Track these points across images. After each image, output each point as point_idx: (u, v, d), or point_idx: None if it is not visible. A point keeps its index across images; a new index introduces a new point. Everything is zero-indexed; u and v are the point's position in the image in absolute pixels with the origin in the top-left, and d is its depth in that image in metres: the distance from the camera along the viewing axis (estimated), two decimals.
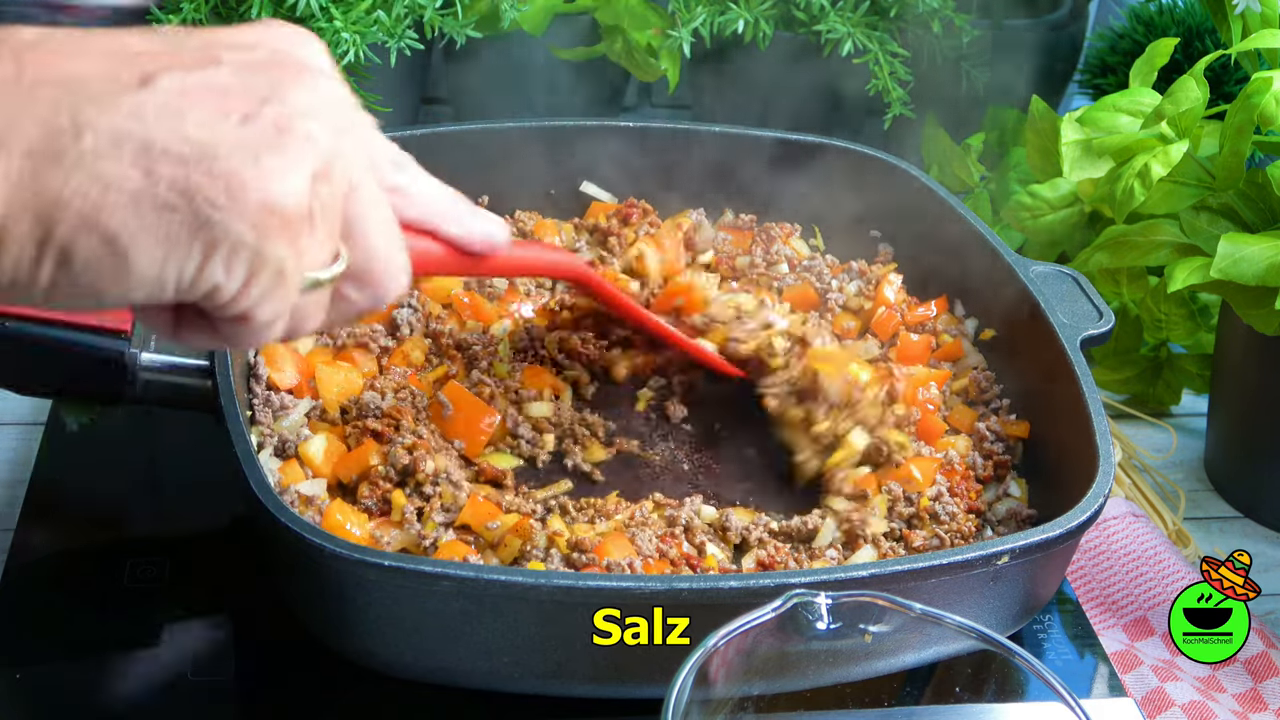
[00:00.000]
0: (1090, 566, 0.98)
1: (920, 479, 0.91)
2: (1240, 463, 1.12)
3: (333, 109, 0.53)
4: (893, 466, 0.92)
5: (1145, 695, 0.88)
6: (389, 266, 0.58)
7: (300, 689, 0.82)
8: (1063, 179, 1.15)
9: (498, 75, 1.35)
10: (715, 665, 0.65)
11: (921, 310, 1.07)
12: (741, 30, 1.28)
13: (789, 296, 1.08)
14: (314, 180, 0.51)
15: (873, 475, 0.92)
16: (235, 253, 0.50)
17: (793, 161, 1.15)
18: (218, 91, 0.50)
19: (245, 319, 0.53)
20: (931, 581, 0.75)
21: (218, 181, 0.49)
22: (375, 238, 0.57)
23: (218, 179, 0.49)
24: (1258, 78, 0.96)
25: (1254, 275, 0.95)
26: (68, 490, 0.95)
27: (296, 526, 0.72)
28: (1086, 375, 0.89)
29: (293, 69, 0.53)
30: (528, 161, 1.14)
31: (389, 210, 0.58)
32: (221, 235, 0.49)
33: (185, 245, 0.49)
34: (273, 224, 0.50)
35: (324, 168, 0.52)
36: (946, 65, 1.35)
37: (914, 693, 0.77)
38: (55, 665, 0.82)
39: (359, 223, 0.56)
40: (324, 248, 0.54)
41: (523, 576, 0.71)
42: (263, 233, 0.50)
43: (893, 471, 0.92)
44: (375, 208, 0.57)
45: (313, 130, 0.51)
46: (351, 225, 0.55)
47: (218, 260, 0.50)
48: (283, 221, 0.50)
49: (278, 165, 0.50)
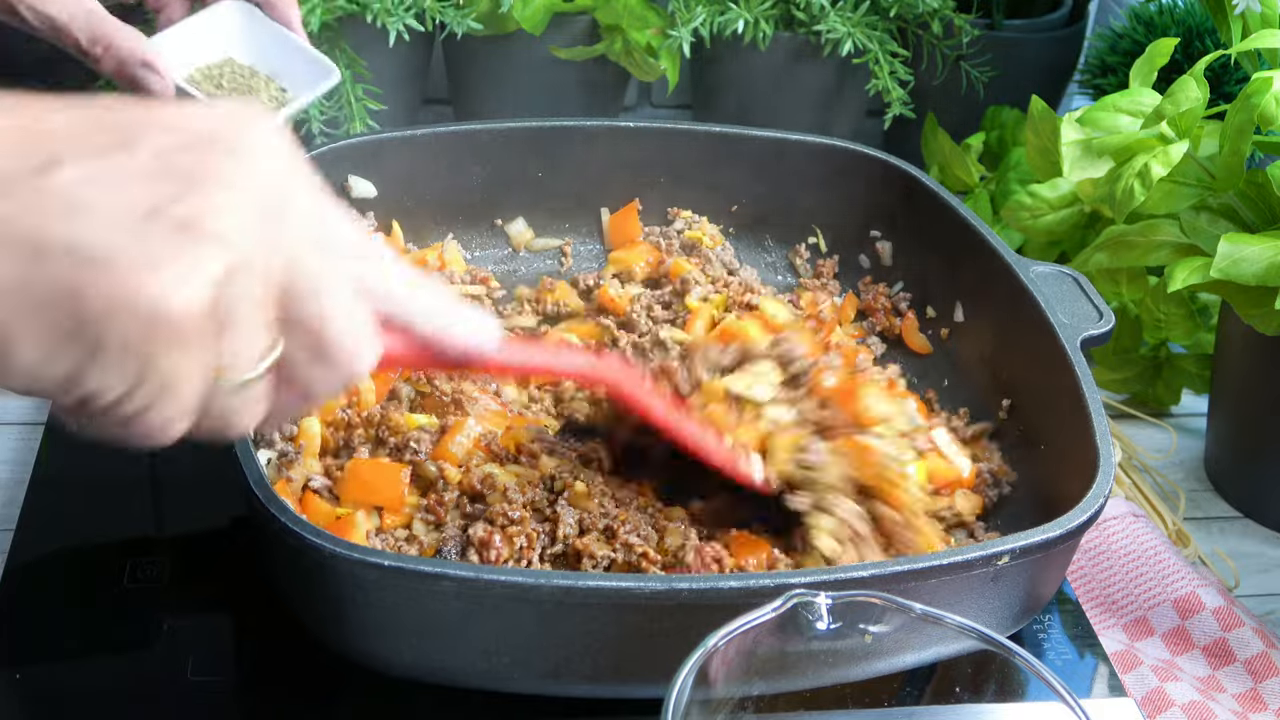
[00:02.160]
0: (1090, 566, 0.98)
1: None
2: (1240, 463, 1.12)
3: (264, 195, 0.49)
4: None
5: (1145, 695, 0.88)
6: (348, 341, 0.54)
7: (300, 689, 0.82)
8: (1063, 179, 1.15)
9: (498, 75, 1.35)
10: (715, 665, 0.65)
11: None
12: (741, 30, 1.28)
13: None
14: (222, 282, 0.47)
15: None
16: (119, 360, 0.47)
17: (793, 161, 1.15)
18: (125, 180, 0.46)
19: (130, 425, 0.50)
20: (931, 582, 0.75)
21: (105, 286, 0.45)
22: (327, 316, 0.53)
23: (105, 283, 0.45)
24: (1258, 78, 0.95)
25: (1254, 275, 0.95)
26: (68, 490, 0.95)
27: (296, 526, 0.72)
28: (1086, 375, 0.89)
29: (221, 153, 0.49)
30: (527, 161, 1.14)
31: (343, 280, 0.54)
32: (104, 340, 0.46)
33: (64, 346, 0.46)
34: (162, 334, 0.46)
35: (239, 266, 0.48)
36: (946, 65, 1.35)
37: (914, 693, 0.77)
38: (55, 665, 0.82)
39: (302, 309, 0.52)
40: (249, 346, 0.50)
41: (523, 576, 0.71)
42: (151, 342, 0.46)
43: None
44: (323, 289, 0.52)
45: (225, 229, 0.47)
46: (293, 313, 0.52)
47: (98, 365, 0.47)
48: (174, 332, 0.47)
49: (173, 274, 0.46)
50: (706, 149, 1.16)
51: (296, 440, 0.92)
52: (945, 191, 1.09)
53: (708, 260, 1.13)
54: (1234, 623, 0.93)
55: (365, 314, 0.55)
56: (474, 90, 1.38)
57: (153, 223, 0.46)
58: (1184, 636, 0.94)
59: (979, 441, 1.00)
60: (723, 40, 1.31)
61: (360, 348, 0.55)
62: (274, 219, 0.49)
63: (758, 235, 1.20)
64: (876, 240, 1.16)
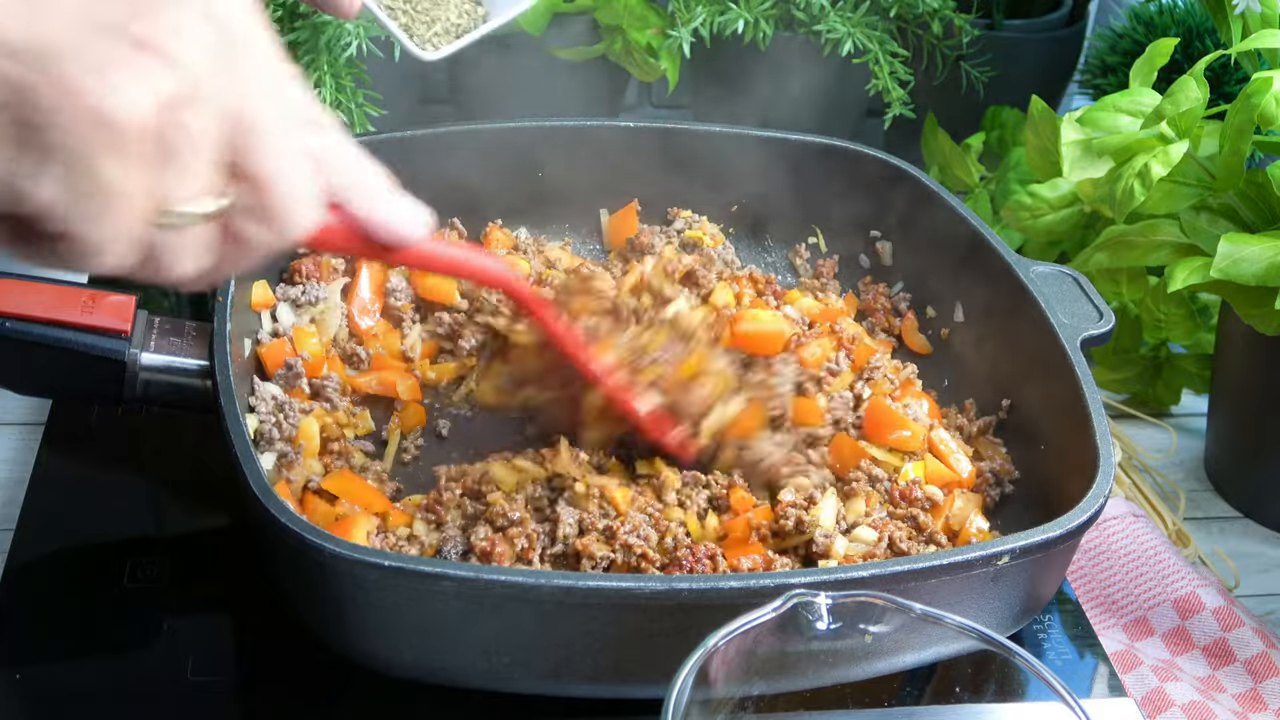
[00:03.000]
0: (1090, 566, 0.98)
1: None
2: (1240, 463, 1.12)
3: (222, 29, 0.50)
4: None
5: (1145, 695, 0.88)
6: (289, 199, 0.54)
7: (300, 689, 0.82)
8: (1063, 179, 1.15)
9: (498, 75, 1.35)
10: (715, 665, 0.65)
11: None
12: (741, 30, 1.28)
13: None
14: (170, 106, 0.48)
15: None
16: (59, 160, 0.47)
17: (793, 161, 1.15)
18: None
19: (70, 239, 0.49)
20: (932, 581, 0.75)
21: (52, 84, 0.46)
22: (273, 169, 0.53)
23: (53, 81, 0.46)
24: (1258, 78, 0.95)
25: (1254, 275, 0.95)
26: (68, 490, 0.95)
27: (296, 526, 0.72)
28: (1086, 375, 0.89)
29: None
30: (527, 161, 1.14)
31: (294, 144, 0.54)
32: (47, 141, 0.46)
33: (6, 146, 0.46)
34: (104, 139, 0.47)
35: (187, 94, 0.48)
36: (946, 65, 1.35)
37: (914, 693, 0.77)
38: (55, 665, 0.82)
39: (249, 156, 0.52)
40: (193, 181, 0.50)
41: (523, 576, 0.71)
42: (93, 147, 0.47)
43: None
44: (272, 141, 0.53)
45: (178, 51, 0.48)
46: (241, 159, 0.52)
47: (39, 165, 0.47)
48: (117, 139, 0.47)
49: (121, 79, 0.47)
50: (706, 149, 1.16)
51: (296, 440, 0.92)
52: (945, 191, 1.09)
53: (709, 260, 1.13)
54: (1234, 623, 0.93)
55: (311, 179, 0.55)
56: (474, 90, 1.38)
57: (109, 34, 0.47)
58: (1184, 636, 0.94)
59: (985, 438, 1.00)
60: (723, 40, 1.31)
61: (301, 211, 0.55)
62: (229, 53, 0.50)
63: (758, 235, 1.20)
64: (876, 240, 1.16)
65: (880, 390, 1.00)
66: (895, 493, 0.92)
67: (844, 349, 1.05)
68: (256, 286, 1.01)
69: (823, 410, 0.99)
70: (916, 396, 1.01)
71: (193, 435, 0.96)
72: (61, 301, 0.83)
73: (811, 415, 0.98)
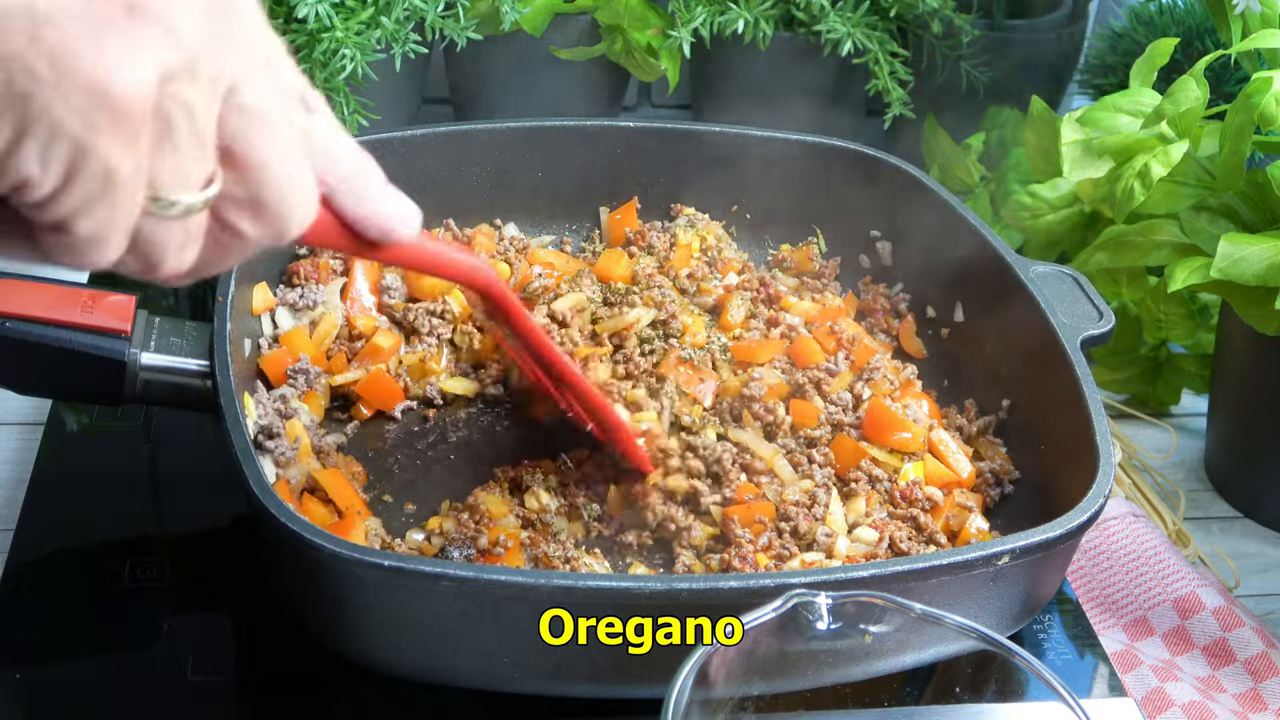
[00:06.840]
0: (1090, 566, 0.98)
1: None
2: (1240, 463, 1.12)
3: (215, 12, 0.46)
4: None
5: (1145, 695, 0.88)
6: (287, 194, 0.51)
7: (300, 689, 0.81)
8: (1063, 179, 1.15)
9: (498, 75, 1.35)
10: (715, 665, 0.65)
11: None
12: (741, 30, 1.28)
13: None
14: (168, 79, 0.44)
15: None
16: (54, 139, 0.43)
17: (793, 161, 1.15)
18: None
19: (63, 228, 0.46)
20: (932, 581, 0.75)
21: (42, 50, 0.42)
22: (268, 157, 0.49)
23: (43, 47, 0.42)
24: (1258, 78, 0.95)
25: (1254, 275, 0.95)
26: (68, 490, 0.95)
27: (296, 526, 0.72)
28: (1087, 375, 0.89)
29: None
30: (527, 161, 1.14)
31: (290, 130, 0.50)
32: (38, 114, 0.42)
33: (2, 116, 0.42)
34: (103, 114, 0.43)
35: (184, 66, 0.45)
36: (946, 65, 1.35)
37: (914, 693, 0.77)
38: (55, 665, 0.82)
39: (246, 140, 0.48)
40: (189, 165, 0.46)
41: (523, 577, 0.71)
42: (90, 123, 0.43)
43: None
44: (269, 124, 0.49)
45: (174, 20, 0.44)
46: (237, 143, 0.48)
47: (31, 144, 0.43)
48: (117, 114, 0.43)
49: (118, 46, 0.43)
50: (706, 149, 1.16)
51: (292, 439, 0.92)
52: (945, 191, 1.09)
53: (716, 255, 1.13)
54: (1234, 623, 0.93)
55: (306, 169, 0.52)
56: (474, 90, 1.38)
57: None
58: (1184, 636, 0.94)
59: (985, 438, 0.99)
60: (723, 40, 1.31)
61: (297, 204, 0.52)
62: (221, 19, 0.47)
63: (758, 235, 1.20)
64: (876, 240, 1.15)
65: (880, 391, 0.99)
66: (895, 493, 0.92)
67: (844, 349, 1.05)
68: (257, 290, 1.01)
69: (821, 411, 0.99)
70: (916, 397, 1.01)
71: (193, 435, 0.96)
72: (61, 301, 0.83)
73: (809, 417, 0.98)
